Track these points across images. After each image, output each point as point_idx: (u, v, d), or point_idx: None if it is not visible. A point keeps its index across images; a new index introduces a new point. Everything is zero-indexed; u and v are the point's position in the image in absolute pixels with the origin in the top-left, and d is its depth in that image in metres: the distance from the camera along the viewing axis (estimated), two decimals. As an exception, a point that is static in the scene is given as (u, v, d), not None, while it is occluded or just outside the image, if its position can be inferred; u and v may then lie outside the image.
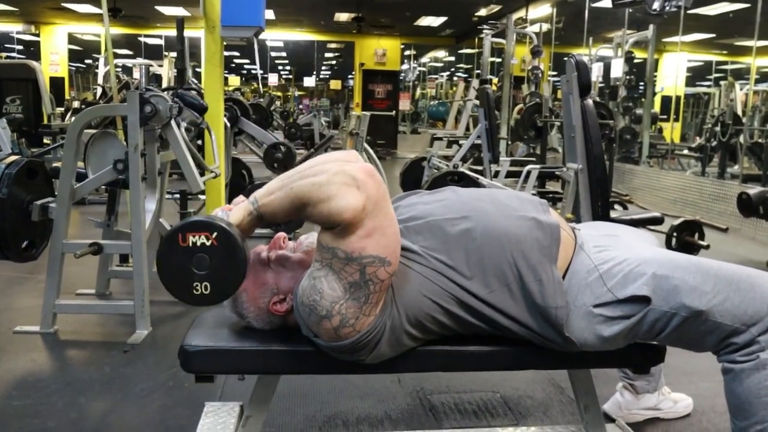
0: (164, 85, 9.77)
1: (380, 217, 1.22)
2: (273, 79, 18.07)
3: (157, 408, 2.17)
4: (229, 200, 4.76)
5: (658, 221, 3.27)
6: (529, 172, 5.01)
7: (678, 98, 12.91)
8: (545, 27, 10.23)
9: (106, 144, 2.93)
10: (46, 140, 7.31)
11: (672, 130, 11.35)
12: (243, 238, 1.24)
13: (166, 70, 10.52)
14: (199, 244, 1.21)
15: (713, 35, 12.84)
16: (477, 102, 7.08)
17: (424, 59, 20.96)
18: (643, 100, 9.61)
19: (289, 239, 1.48)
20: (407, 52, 17.58)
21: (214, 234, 1.20)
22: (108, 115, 3.35)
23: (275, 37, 15.44)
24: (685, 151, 9.86)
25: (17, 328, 2.84)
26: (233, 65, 22.58)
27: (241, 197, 1.34)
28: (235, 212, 1.27)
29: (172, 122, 2.87)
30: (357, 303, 1.25)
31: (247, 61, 21.81)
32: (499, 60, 12.70)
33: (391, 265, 1.24)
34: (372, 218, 1.20)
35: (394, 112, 14.59)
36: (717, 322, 1.32)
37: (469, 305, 1.35)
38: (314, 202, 1.19)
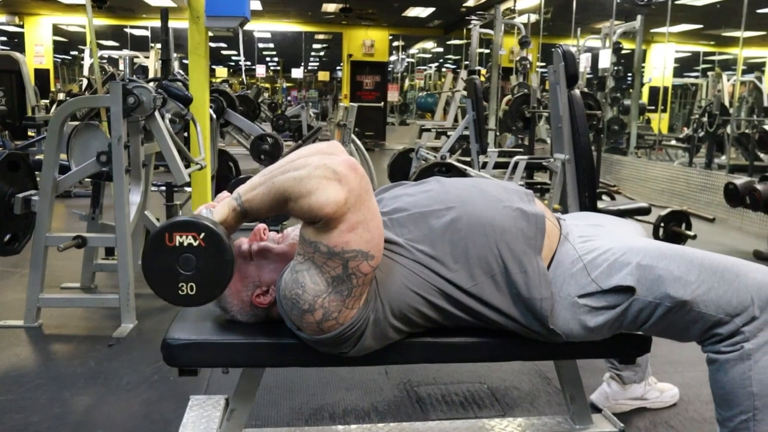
0: (151, 76, 9.69)
1: (363, 210, 1.20)
2: (261, 70, 17.96)
3: (143, 402, 2.15)
4: (216, 192, 4.73)
5: (645, 211, 3.28)
6: (516, 163, 5.00)
7: (666, 89, 12.94)
8: (533, 18, 10.22)
9: (89, 136, 2.90)
10: (30, 132, 7.24)
11: (660, 121, 11.39)
12: (229, 237, 1.22)
13: (152, 61, 10.44)
14: (186, 244, 1.18)
15: (701, 26, 12.89)
16: (465, 93, 7.06)
17: (413, 50, 20.91)
18: (631, 90, 9.63)
19: (276, 232, 1.47)
20: (395, 43, 17.55)
21: (202, 234, 1.18)
22: (91, 106, 3.31)
23: (262, 28, 15.35)
24: (673, 142, 9.89)
25: (0, 323, 2.81)
26: (221, 56, 22.43)
27: (225, 193, 1.33)
28: (219, 209, 1.25)
29: (156, 114, 2.84)
30: (340, 296, 1.23)
31: (234, 52, 21.67)
32: (487, 51, 12.69)
33: (374, 259, 1.23)
34: (354, 212, 1.19)
35: (382, 103, 14.56)
36: (701, 312, 1.32)
37: (454, 297, 1.34)
38: (295, 197, 1.18)
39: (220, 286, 1.23)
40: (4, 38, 16.77)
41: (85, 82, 10.15)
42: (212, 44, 18.47)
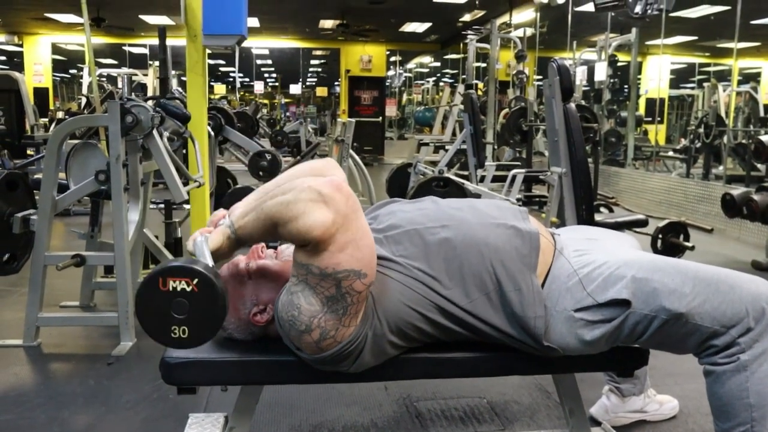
0: (149, 94, 9.73)
1: (352, 230, 1.20)
2: (259, 86, 18.03)
3: (142, 420, 2.15)
4: (215, 209, 4.74)
5: (642, 224, 3.29)
6: (514, 177, 5.02)
7: (662, 100, 13.00)
8: (529, 31, 10.27)
9: (88, 155, 2.91)
10: (29, 151, 7.27)
11: (657, 133, 11.43)
12: (223, 286, 1.21)
13: (150, 79, 10.49)
14: (179, 289, 1.19)
15: (695, 38, 12.97)
16: (463, 107, 7.09)
17: (410, 65, 21.00)
18: (627, 102, 9.68)
19: (274, 249, 1.47)
20: (393, 58, 17.61)
21: (195, 281, 1.18)
22: (89, 125, 3.33)
23: (260, 44, 15.43)
24: (670, 153, 9.92)
25: (-1, 342, 2.81)
26: (219, 73, 22.54)
27: (221, 211, 1.33)
28: (214, 237, 1.26)
29: (154, 132, 2.86)
30: (335, 315, 1.24)
31: (233, 69, 21.77)
32: (484, 65, 12.75)
33: (367, 277, 1.23)
34: (343, 232, 1.19)
35: (380, 118, 14.63)
36: (697, 325, 1.32)
37: (451, 313, 1.34)
38: (283, 222, 1.19)
39: (212, 331, 1.23)
40: (3, 57, 16.87)
41: (83, 100, 10.20)
42: (211, 61, 18.57)
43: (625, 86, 9.88)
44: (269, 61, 20.19)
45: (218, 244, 1.25)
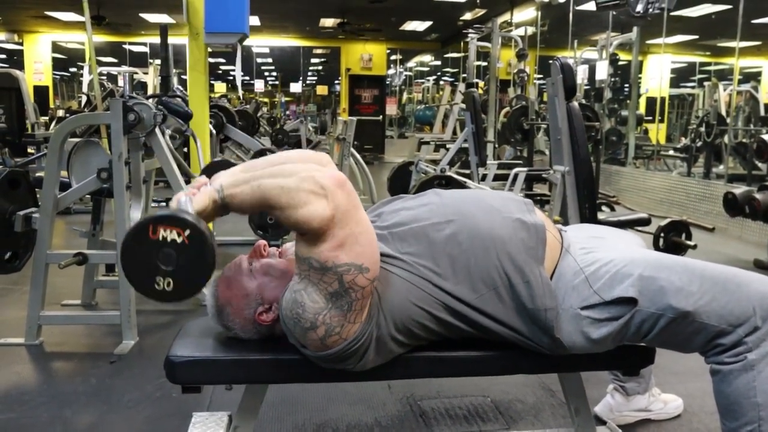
0: (150, 92, 9.73)
1: (351, 225, 1.20)
2: (259, 85, 18.01)
3: (145, 419, 2.15)
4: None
5: (645, 222, 3.29)
6: (516, 175, 5.01)
7: (663, 99, 12.99)
8: (530, 30, 10.26)
9: (90, 153, 2.90)
10: (30, 150, 7.25)
11: (657, 131, 11.42)
12: (212, 236, 1.18)
13: (151, 77, 10.48)
14: (169, 239, 1.14)
15: (696, 37, 12.96)
16: (464, 106, 7.07)
17: (411, 64, 20.98)
18: (628, 101, 9.66)
19: (277, 247, 1.47)
20: (393, 57, 17.60)
21: (187, 232, 1.14)
22: (91, 123, 3.32)
23: (261, 43, 15.41)
24: (671, 152, 9.92)
25: (1, 341, 2.80)
26: (219, 72, 22.51)
27: (203, 178, 1.28)
28: (199, 198, 1.21)
29: (156, 130, 2.85)
30: (341, 311, 1.23)
31: (233, 67, 21.73)
32: (485, 63, 12.74)
33: (370, 271, 1.22)
34: (342, 227, 1.19)
35: (381, 116, 14.62)
36: (704, 323, 1.32)
37: (457, 311, 1.34)
38: (281, 207, 1.18)
39: (197, 287, 1.19)
40: (3, 56, 16.84)
41: (84, 98, 10.18)
42: (211, 59, 18.56)
43: (626, 85, 9.87)
44: (269, 60, 20.17)
45: (203, 206, 1.20)
